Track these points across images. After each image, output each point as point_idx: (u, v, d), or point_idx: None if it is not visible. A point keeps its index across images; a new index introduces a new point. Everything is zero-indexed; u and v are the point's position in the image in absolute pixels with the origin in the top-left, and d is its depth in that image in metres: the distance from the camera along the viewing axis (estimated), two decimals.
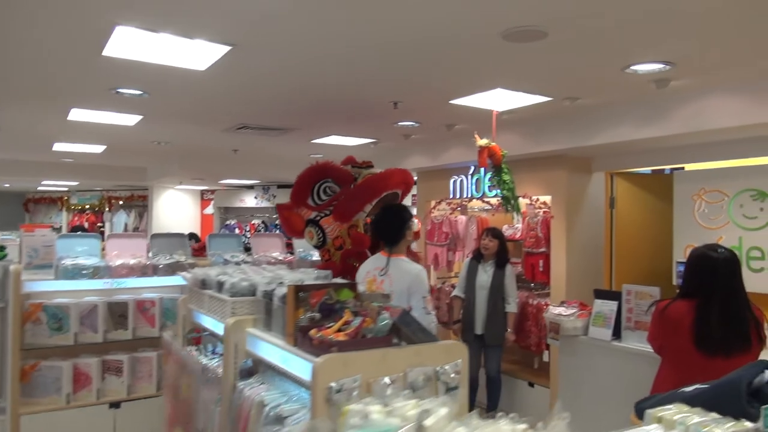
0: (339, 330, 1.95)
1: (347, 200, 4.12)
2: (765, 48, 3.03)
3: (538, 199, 5.75)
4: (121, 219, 13.21)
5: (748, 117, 3.73)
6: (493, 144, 4.16)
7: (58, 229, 12.74)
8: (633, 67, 3.32)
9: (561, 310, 3.98)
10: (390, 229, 3.46)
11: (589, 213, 5.64)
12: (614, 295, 3.74)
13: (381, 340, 1.93)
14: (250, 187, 10.96)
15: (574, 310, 3.93)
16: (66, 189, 13.51)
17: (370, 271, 3.49)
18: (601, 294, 3.86)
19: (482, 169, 6.40)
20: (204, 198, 12.48)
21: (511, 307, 5.25)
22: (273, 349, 2.19)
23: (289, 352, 2.05)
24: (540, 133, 5.29)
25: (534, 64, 3.36)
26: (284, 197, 11.71)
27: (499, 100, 4.18)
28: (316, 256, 6.62)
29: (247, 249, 7.01)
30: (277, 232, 10.36)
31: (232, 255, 5.97)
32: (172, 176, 9.10)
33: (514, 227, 6.20)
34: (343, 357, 1.81)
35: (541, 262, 5.77)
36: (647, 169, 5.67)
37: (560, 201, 5.52)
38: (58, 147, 7.17)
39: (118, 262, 4.24)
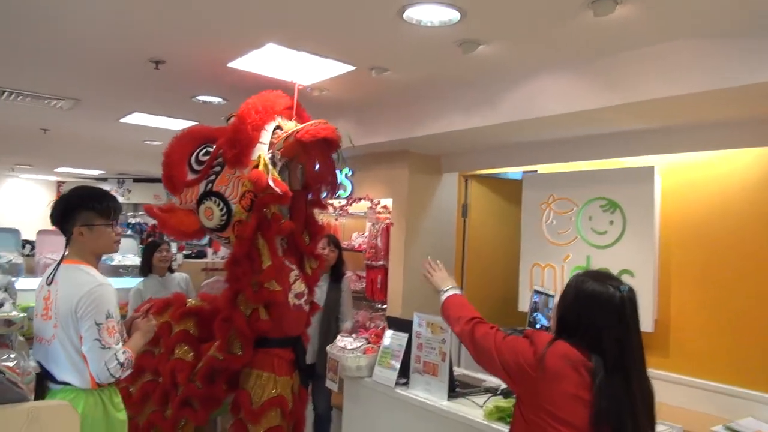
0: None
1: (230, 137, 2.91)
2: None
3: (378, 203, 4.85)
4: None
5: (576, 102, 2.94)
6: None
7: None
8: (409, 13, 2.42)
9: (348, 341, 3.02)
10: (59, 215, 2.39)
11: (437, 221, 4.78)
12: (409, 326, 2.81)
13: None
14: (104, 179, 9.58)
15: (360, 344, 2.98)
16: None
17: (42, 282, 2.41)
18: (393, 323, 2.93)
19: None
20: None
21: (347, 328, 4.23)
22: None
23: None
24: (369, 122, 4.36)
25: (296, 6, 2.42)
26: (141, 192, 10.41)
27: (289, 65, 3.21)
28: (119, 259, 5.46)
29: None
30: (130, 232, 9.04)
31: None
32: None
33: (363, 235, 5.27)
34: None
35: (379, 278, 4.86)
36: (508, 171, 4.86)
37: (401, 205, 4.63)
38: None
39: None
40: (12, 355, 1.92)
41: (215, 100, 4.21)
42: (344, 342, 3.01)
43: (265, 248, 2.84)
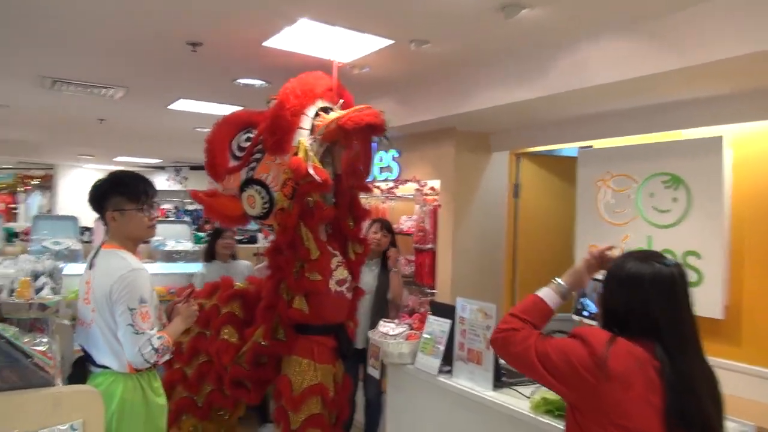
0: None
1: (269, 124, 2.87)
2: None
3: (425, 184, 4.69)
4: (35, 200, 12.07)
5: (632, 68, 2.68)
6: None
7: None
8: None
9: (390, 327, 2.91)
10: (93, 200, 2.39)
11: (487, 202, 4.58)
12: (452, 311, 2.67)
13: None
14: (161, 168, 9.84)
15: (403, 329, 2.86)
16: None
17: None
18: (437, 308, 2.80)
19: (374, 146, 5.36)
20: None
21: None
22: None
23: None
24: (412, 100, 4.20)
25: None
26: (198, 179, 10.61)
27: (326, 41, 3.10)
28: (172, 245, 5.56)
29: None
30: (187, 218, 9.26)
31: (56, 242, 4.92)
32: (60, 150, 7.97)
33: (412, 218, 5.13)
34: None
35: (428, 261, 4.72)
36: (563, 147, 4.58)
37: (448, 186, 4.46)
38: None
39: None
40: (44, 340, 1.91)
41: (256, 82, 4.16)
42: (386, 328, 2.90)
43: (310, 239, 2.79)
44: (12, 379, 1.62)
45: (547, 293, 1.74)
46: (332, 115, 2.84)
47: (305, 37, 3.07)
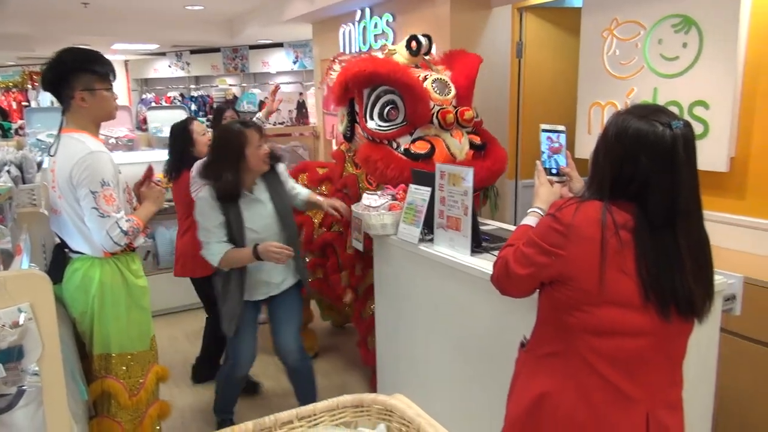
0: None
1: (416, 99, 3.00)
2: None
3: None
4: (45, 96, 11.98)
5: None
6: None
7: None
8: None
9: (372, 199, 2.82)
10: (54, 79, 2.25)
11: (488, 64, 4.19)
12: (432, 179, 2.55)
13: None
14: (162, 54, 9.51)
15: (385, 200, 2.78)
16: None
17: None
18: (418, 177, 2.68)
19: (368, 12, 5.00)
20: (128, 68, 11.09)
21: None
22: None
23: None
24: None
25: None
26: (200, 64, 10.28)
27: None
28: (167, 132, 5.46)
29: None
30: (194, 107, 9.08)
31: (50, 134, 4.87)
32: (54, 42, 7.70)
33: None
34: None
35: None
36: None
37: (444, 49, 4.14)
38: None
39: None
40: None
41: None
42: (369, 200, 2.82)
43: None
44: None
45: (533, 220, 1.62)
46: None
47: None
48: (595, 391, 1.34)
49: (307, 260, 3.42)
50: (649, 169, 1.29)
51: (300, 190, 2.99)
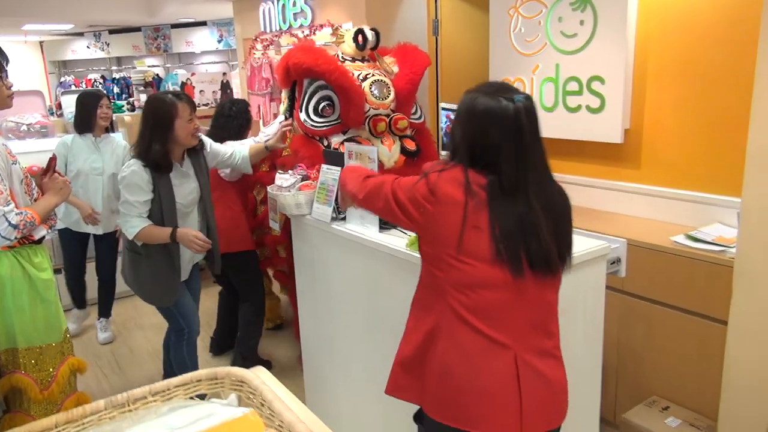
0: None
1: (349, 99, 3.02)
2: None
3: (340, 27, 4.37)
4: None
5: None
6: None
7: None
8: None
9: (283, 179, 2.85)
10: None
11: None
12: (342, 159, 2.60)
13: None
14: (79, 34, 9.06)
15: (295, 179, 2.81)
16: None
17: None
18: (329, 157, 2.72)
19: None
20: (44, 50, 10.51)
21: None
22: None
23: None
24: None
25: None
26: (120, 44, 9.88)
27: None
28: None
29: None
30: (116, 89, 8.72)
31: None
32: None
33: None
34: None
35: None
36: None
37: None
38: None
39: None
40: None
41: None
42: (281, 180, 2.84)
43: None
44: None
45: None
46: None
47: None
48: (467, 342, 1.48)
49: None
50: (498, 139, 1.46)
51: (238, 148, 3.07)
